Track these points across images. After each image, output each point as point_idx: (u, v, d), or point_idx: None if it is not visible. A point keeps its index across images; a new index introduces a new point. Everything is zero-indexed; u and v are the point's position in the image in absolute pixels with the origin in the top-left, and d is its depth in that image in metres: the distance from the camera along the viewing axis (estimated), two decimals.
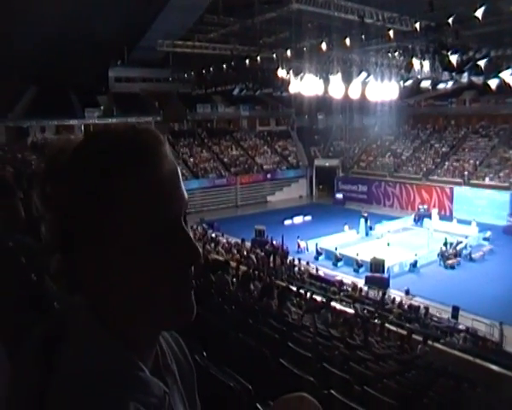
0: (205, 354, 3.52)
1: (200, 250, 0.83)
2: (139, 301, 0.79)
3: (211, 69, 37.31)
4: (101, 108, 42.82)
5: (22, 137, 38.89)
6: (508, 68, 23.90)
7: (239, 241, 27.64)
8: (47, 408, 0.72)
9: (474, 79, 25.30)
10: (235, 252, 25.16)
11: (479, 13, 19.66)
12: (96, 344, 0.77)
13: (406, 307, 19.57)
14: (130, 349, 0.80)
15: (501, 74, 23.92)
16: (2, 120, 37.39)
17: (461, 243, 27.93)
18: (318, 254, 28.29)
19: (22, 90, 38.04)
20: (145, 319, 0.81)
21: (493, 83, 24.75)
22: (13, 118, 38.41)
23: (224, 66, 34.89)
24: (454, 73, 25.37)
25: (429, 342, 13.43)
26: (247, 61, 32.63)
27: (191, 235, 0.83)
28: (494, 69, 24.26)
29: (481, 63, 23.68)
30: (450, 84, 28.36)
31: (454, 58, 23.68)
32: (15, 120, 38.60)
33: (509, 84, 24.23)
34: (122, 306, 0.79)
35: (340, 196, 44.49)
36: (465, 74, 24.81)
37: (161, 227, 0.77)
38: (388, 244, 28.21)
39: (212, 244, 26.25)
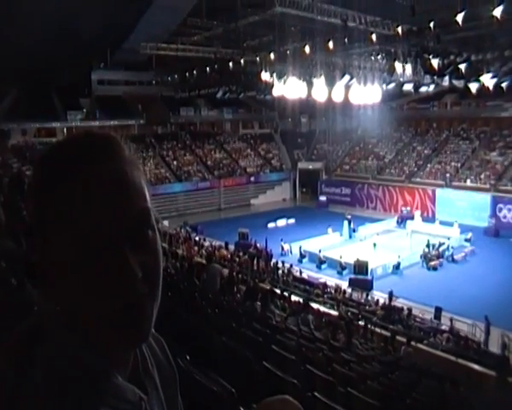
0: (188, 357, 3.50)
1: (138, 272, 0.76)
2: (82, 315, 0.76)
3: (194, 72, 37.30)
4: (84, 110, 42.59)
5: (3, 140, 38.37)
6: (488, 72, 24.24)
7: (222, 244, 27.57)
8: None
9: (455, 82, 25.62)
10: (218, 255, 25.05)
11: (459, 18, 19.93)
12: (66, 349, 0.77)
13: (389, 308, 19.68)
14: (102, 355, 0.78)
15: (481, 78, 24.25)
16: None
17: (443, 244, 28.21)
18: (302, 256, 28.34)
19: (3, 92, 37.54)
20: (95, 332, 0.78)
21: (473, 86, 25.08)
22: None
23: (208, 69, 34.92)
24: (435, 77, 25.68)
25: (412, 343, 13.53)
26: (231, 64, 32.67)
27: (130, 256, 0.76)
28: (474, 73, 24.58)
29: (462, 67, 24.02)
30: (431, 87, 28.73)
31: (435, 62, 24.00)
32: None
33: (488, 88, 24.59)
34: (74, 315, 0.77)
35: (323, 198, 44.63)
36: (446, 78, 25.13)
37: (90, 240, 0.73)
38: (374, 245, 28.35)
39: (196, 247, 26.14)
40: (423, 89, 29.28)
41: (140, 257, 0.77)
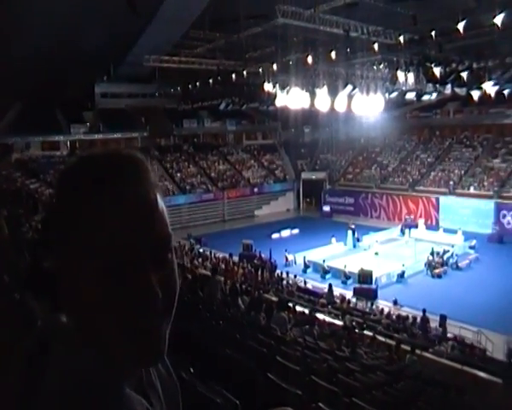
0: (192, 370, 3.52)
1: (159, 293, 0.79)
2: (97, 331, 0.78)
3: (197, 84, 37.47)
4: (88, 124, 42.72)
5: (6, 154, 38.53)
6: (489, 80, 24.32)
7: (226, 256, 27.57)
8: None
9: (458, 90, 25.72)
10: (223, 267, 25.09)
11: (460, 26, 20.01)
12: (76, 362, 0.77)
13: (394, 317, 19.62)
14: (112, 367, 0.79)
15: (483, 85, 24.34)
16: None
17: (447, 252, 28.12)
18: (306, 266, 28.29)
19: (7, 106, 37.75)
20: (110, 348, 0.79)
21: (476, 94, 25.18)
22: None
23: (211, 81, 35.05)
24: (438, 85, 25.78)
25: (417, 352, 13.48)
26: (234, 76, 32.85)
27: (152, 275, 0.78)
28: (476, 81, 24.66)
29: (464, 75, 24.10)
30: (434, 95, 28.82)
31: (437, 70, 24.09)
32: None
33: (490, 95, 24.66)
34: (89, 328, 0.79)
35: (327, 208, 44.60)
36: (448, 86, 25.23)
37: (117, 259, 0.75)
38: (376, 254, 28.31)
39: (200, 259, 26.17)
40: (426, 97, 29.40)
41: (160, 277, 0.79)
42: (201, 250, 29.67)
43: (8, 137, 38.64)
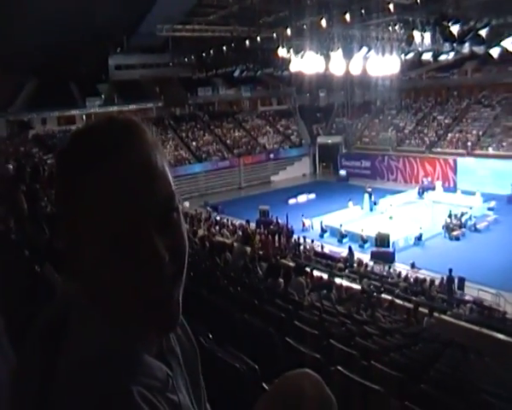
0: (210, 335, 3.61)
1: (165, 255, 0.78)
2: (110, 300, 0.78)
3: (211, 52, 37.27)
4: (102, 96, 42.77)
5: (24, 131, 38.93)
6: (509, 36, 23.68)
7: (243, 222, 27.75)
8: (52, 395, 0.73)
9: (476, 48, 25.09)
10: (240, 233, 25.23)
11: None
12: (96, 331, 0.78)
13: (412, 280, 19.69)
14: (129, 337, 0.80)
15: (503, 43, 23.71)
16: (2, 114, 37.39)
17: (465, 214, 27.93)
18: (323, 231, 28.40)
19: (22, 82, 37.99)
20: (125, 317, 0.80)
21: (495, 52, 24.54)
22: (13, 111, 38.49)
23: (224, 48, 34.82)
24: (455, 44, 25.18)
25: (435, 315, 13.54)
26: (247, 42, 32.57)
27: (157, 240, 0.78)
28: (495, 38, 24.03)
29: (482, 32, 23.47)
30: (451, 55, 28.13)
31: (455, 29, 23.49)
32: (16, 113, 38.67)
33: (511, 53, 24.04)
34: (103, 298, 0.79)
35: (343, 172, 44.41)
36: (466, 44, 24.62)
37: (119, 228, 0.75)
38: (391, 217, 28.24)
39: (217, 227, 26.34)
40: (443, 57, 28.73)
41: (166, 240, 0.78)
42: (218, 218, 29.85)
43: (24, 114, 39.07)
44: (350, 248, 23.05)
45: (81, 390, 0.72)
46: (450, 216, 27.42)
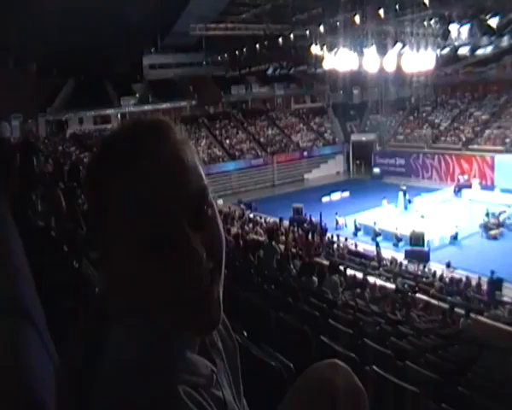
0: (245, 333, 3.63)
1: (202, 253, 0.77)
2: (149, 301, 0.77)
3: (244, 50, 37.35)
4: (137, 95, 43.42)
5: (61, 130, 39.98)
6: None
7: (277, 220, 27.74)
8: (96, 395, 0.73)
9: None
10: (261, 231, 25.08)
11: None
12: (137, 333, 0.77)
13: (447, 280, 19.35)
14: (171, 337, 0.79)
15: None
16: (42, 114, 38.74)
17: (504, 212, 27.24)
18: (357, 229, 28.15)
19: (61, 84, 39.03)
20: (165, 317, 0.79)
21: None
22: (52, 111, 39.54)
23: (258, 46, 34.85)
24: (493, 37, 24.62)
25: (472, 316, 13.29)
26: (280, 40, 32.56)
27: (193, 237, 0.77)
28: None
29: None
30: (489, 49, 27.50)
31: (493, 21, 23.01)
32: (54, 113, 39.68)
33: None
34: (141, 300, 0.79)
35: (377, 170, 43.88)
36: (505, 38, 24.07)
37: (153, 228, 0.74)
38: (422, 216, 27.80)
39: (251, 225, 26.42)
40: (480, 51, 28.12)
41: (202, 236, 0.77)
42: (252, 216, 29.94)
43: (62, 114, 40.05)
44: (377, 245, 22.82)
45: (126, 395, 0.71)
46: (487, 215, 26.80)
